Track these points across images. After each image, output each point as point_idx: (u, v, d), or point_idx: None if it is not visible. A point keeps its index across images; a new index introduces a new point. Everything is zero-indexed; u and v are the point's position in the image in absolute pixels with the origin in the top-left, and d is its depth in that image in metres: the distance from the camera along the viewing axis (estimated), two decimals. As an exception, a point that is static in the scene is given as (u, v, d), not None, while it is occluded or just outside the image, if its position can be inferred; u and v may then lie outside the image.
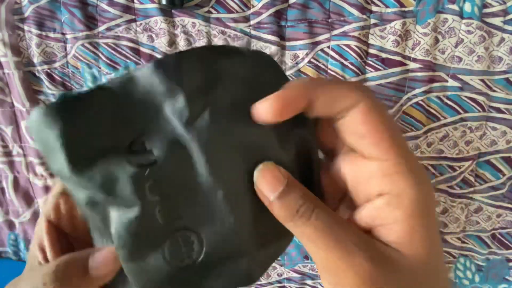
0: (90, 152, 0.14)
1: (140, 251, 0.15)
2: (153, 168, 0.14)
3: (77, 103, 0.14)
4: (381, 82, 0.34)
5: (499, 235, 0.39)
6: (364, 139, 0.14)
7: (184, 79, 0.14)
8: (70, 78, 0.37)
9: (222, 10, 0.34)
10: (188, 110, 0.14)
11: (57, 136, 0.14)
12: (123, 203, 0.14)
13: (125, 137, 0.14)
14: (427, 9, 0.32)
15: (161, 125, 0.14)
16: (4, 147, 0.40)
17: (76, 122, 0.14)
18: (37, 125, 0.14)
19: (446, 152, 0.36)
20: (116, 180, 0.14)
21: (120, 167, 0.14)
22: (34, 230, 0.43)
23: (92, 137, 0.14)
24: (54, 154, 0.14)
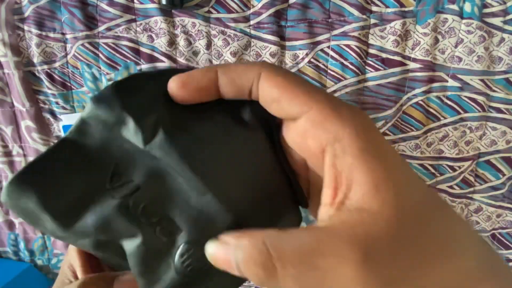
0: (73, 205, 0.14)
1: (154, 272, 0.15)
2: (137, 193, 0.15)
3: (42, 165, 0.14)
4: (381, 82, 0.34)
5: (499, 235, 0.39)
6: (281, 102, 0.14)
7: (126, 104, 0.14)
8: (70, 78, 0.37)
9: (222, 10, 0.34)
10: (141, 129, 0.14)
11: (36, 203, 0.14)
12: (125, 234, 0.15)
13: (100, 178, 0.15)
14: (427, 9, 0.32)
15: (129, 152, 0.15)
16: (4, 147, 0.40)
17: (48, 182, 0.14)
18: (13, 200, 0.14)
19: (446, 152, 0.36)
20: (108, 218, 0.14)
21: (107, 205, 0.14)
22: (33, 230, 0.43)
23: (70, 190, 0.14)
24: (40, 219, 0.15)
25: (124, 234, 0.15)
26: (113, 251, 0.15)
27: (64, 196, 0.14)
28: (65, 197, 0.14)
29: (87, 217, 0.14)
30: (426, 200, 0.13)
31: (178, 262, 0.15)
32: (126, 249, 0.15)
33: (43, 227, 0.15)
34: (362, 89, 0.35)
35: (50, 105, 0.38)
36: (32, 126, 0.39)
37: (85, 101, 0.37)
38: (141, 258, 0.15)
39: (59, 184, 0.14)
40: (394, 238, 0.12)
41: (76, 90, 0.37)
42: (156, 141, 0.14)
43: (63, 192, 0.14)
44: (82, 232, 0.15)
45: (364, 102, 0.35)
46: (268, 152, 0.16)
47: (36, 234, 0.44)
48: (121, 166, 0.15)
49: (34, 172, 0.14)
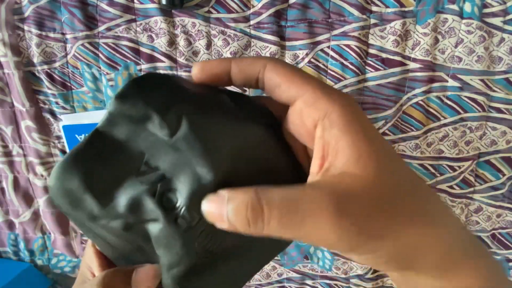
0: (109, 186, 0.16)
1: (176, 255, 0.16)
2: (164, 181, 0.16)
3: (82, 152, 0.17)
4: (381, 82, 0.34)
5: (499, 235, 0.39)
6: (281, 86, 0.16)
7: (149, 101, 0.16)
8: (70, 78, 0.37)
9: (222, 10, 0.34)
10: (165, 124, 0.16)
11: (80, 183, 0.16)
12: (151, 217, 0.16)
13: (130, 165, 0.17)
14: (427, 9, 0.32)
15: (155, 143, 0.16)
16: (4, 147, 0.40)
17: (89, 166, 0.16)
18: (60, 181, 0.16)
19: (446, 152, 0.36)
20: (138, 201, 0.16)
21: (136, 190, 0.16)
22: (33, 230, 0.43)
23: (105, 174, 0.16)
24: (80, 199, 0.17)
25: (150, 217, 0.16)
26: (139, 233, 0.17)
27: (101, 179, 0.16)
28: (102, 179, 0.16)
29: (120, 199, 0.16)
30: (406, 173, 0.15)
31: (199, 246, 0.16)
32: (151, 232, 0.17)
33: (81, 210, 0.17)
34: (362, 89, 0.35)
35: (50, 105, 0.38)
36: (32, 126, 0.39)
37: (85, 101, 0.37)
38: (163, 241, 0.16)
39: (97, 168, 0.16)
40: (370, 197, 0.14)
41: (76, 90, 0.37)
42: (180, 134, 0.16)
43: (100, 175, 0.16)
44: (115, 212, 0.16)
45: (364, 102, 0.35)
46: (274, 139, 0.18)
47: (36, 234, 0.44)
48: (148, 156, 0.16)
49: (76, 158, 0.16)
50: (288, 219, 0.14)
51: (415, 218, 0.15)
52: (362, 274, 0.41)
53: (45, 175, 0.41)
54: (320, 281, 0.43)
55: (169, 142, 0.16)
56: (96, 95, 0.37)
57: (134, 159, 0.16)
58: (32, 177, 0.41)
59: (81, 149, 0.17)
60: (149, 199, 0.16)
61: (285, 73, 0.16)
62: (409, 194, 0.15)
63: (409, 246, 0.15)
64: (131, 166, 0.16)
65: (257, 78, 0.17)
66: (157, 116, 0.16)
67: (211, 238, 0.17)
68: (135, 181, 0.16)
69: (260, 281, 0.44)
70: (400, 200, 0.15)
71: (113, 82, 0.36)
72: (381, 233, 0.14)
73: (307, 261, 0.42)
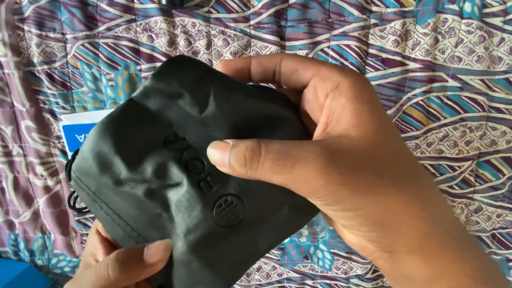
0: (138, 151, 0.18)
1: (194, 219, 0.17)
2: (190, 150, 0.18)
3: (116, 118, 0.18)
4: (381, 82, 0.34)
5: (499, 235, 0.39)
6: (298, 70, 0.18)
7: (182, 80, 0.18)
8: (70, 78, 0.37)
9: (222, 10, 0.34)
10: (196, 102, 0.18)
11: (111, 146, 0.17)
12: (174, 182, 0.18)
13: (160, 134, 0.18)
14: (427, 9, 0.32)
15: (184, 117, 0.18)
16: (4, 147, 0.40)
17: (121, 132, 0.18)
18: (93, 143, 0.18)
19: (446, 152, 0.36)
20: (164, 166, 0.17)
21: (164, 155, 0.18)
22: (33, 230, 0.43)
23: (136, 140, 0.18)
24: (110, 164, 0.18)
25: (173, 181, 0.17)
26: (159, 201, 0.18)
27: (131, 144, 0.18)
28: (133, 144, 0.18)
29: (147, 164, 0.17)
30: (402, 147, 0.16)
31: (217, 213, 0.17)
32: (172, 198, 0.18)
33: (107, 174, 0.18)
34: (362, 89, 0.35)
35: (50, 105, 0.38)
36: (32, 126, 0.39)
37: (85, 101, 0.37)
38: (185, 204, 0.17)
39: (129, 134, 0.18)
40: (362, 156, 0.15)
41: (76, 90, 0.37)
42: (208, 112, 0.18)
43: (131, 141, 0.18)
44: (140, 177, 0.17)
45: (364, 102, 0.35)
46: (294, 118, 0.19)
47: (36, 234, 0.44)
48: (177, 127, 0.18)
49: (110, 123, 0.18)
50: (282, 162, 0.15)
51: (401, 185, 0.15)
52: (362, 274, 0.41)
53: (45, 175, 0.41)
54: (320, 281, 0.43)
55: (197, 118, 0.18)
56: (96, 95, 0.37)
57: (163, 128, 0.18)
58: (32, 177, 0.41)
59: (115, 115, 0.18)
60: (175, 164, 0.17)
61: (301, 59, 0.18)
62: (401, 164, 0.16)
63: (392, 210, 0.15)
64: (160, 134, 0.18)
65: (274, 70, 0.19)
66: (188, 95, 0.17)
67: (229, 207, 0.17)
68: (162, 149, 0.18)
69: (260, 281, 0.44)
70: (391, 166, 0.16)
71: (113, 82, 0.36)
72: (365, 191, 0.15)
73: (307, 261, 0.42)
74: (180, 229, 0.18)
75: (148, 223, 0.19)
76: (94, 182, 0.18)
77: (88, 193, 0.19)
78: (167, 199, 0.18)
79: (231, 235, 0.18)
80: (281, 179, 0.15)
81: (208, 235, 0.17)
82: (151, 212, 0.18)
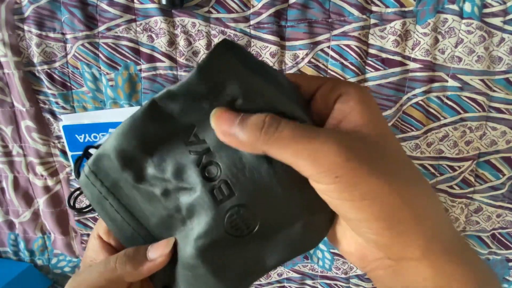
0: (161, 150, 0.18)
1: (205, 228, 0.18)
2: (208, 154, 0.18)
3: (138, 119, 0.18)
4: (381, 82, 0.34)
5: (499, 235, 0.39)
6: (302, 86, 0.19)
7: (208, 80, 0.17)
8: (70, 78, 0.37)
9: (222, 10, 0.34)
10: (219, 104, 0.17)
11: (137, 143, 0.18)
12: (189, 186, 0.18)
13: (182, 133, 0.18)
14: (427, 9, 0.32)
15: (205, 119, 0.17)
16: (4, 147, 0.40)
17: (146, 131, 0.18)
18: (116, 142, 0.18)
19: (446, 152, 0.36)
20: (183, 167, 0.18)
21: (185, 157, 0.18)
22: (33, 230, 0.43)
23: (160, 139, 0.18)
24: (135, 159, 0.18)
25: (188, 185, 0.18)
26: (173, 202, 0.18)
27: (156, 142, 0.18)
28: (156, 143, 0.18)
29: (169, 162, 0.18)
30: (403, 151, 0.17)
31: (228, 222, 0.17)
32: (184, 201, 0.18)
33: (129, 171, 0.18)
34: (362, 89, 0.35)
35: (50, 105, 0.38)
36: (32, 126, 0.39)
37: (85, 101, 0.37)
38: (197, 209, 0.18)
39: (152, 133, 0.18)
40: (375, 148, 0.16)
41: (76, 90, 0.37)
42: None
43: (154, 139, 0.18)
44: (162, 176, 0.18)
45: (364, 102, 0.35)
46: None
47: (36, 234, 0.44)
48: (198, 129, 0.18)
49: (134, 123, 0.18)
50: (302, 131, 0.15)
51: (413, 181, 0.16)
52: (362, 274, 0.41)
53: (45, 175, 0.41)
54: (320, 281, 0.43)
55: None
56: (96, 95, 0.37)
57: (185, 129, 0.18)
58: (32, 177, 0.41)
59: (138, 116, 0.18)
60: (193, 167, 0.17)
61: (301, 76, 0.19)
62: (406, 163, 0.17)
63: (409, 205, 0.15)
64: (182, 134, 0.18)
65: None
66: (212, 98, 0.17)
67: (241, 218, 0.17)
68: (184, 149, 0.18)
69: (260, 281, 0.44)
70: (401, 163, 0.16)
71: (113, 82, 0.36)
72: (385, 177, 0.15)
73: (307, 261, 0.42)
74: (190, 233, 0.18)
75: (160, 222, 0.19)
76: (111, 178, 0.19)
77: (100, 189, 0.19)
78: (179, 201, 0.18)
79: (240, 246, 0.18)
80: (298, 150, 0.15)
81: (217, 243, 0.18)
82: (165, 212, 0.19)
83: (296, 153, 0.15)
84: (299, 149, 0.15)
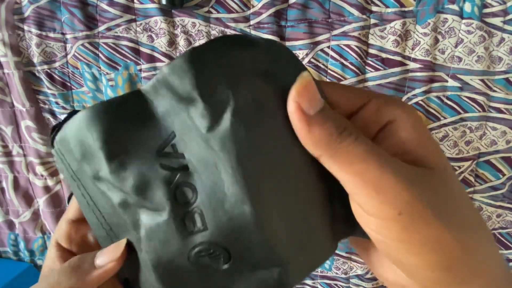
0: (126, 154, 0.14)
1: (168, 255, 0.15)
2: (184, 172, 0.14)
3: (113, 107, 0.15)
4: (381, 82, 0.34)
5: (499, 235, 0.39)
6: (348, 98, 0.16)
7: (199, 82, 0.13)
8: (70, 78, 0.37)
9: (222, 10, 0.34)
10: (208, 116, 0.13)
11: (97, 139, 0.14)
12: (153, 206, 0.15)
13: (157, 140, 0.14)
14: (427, 9, 0.32)
15: (190, 129, 0.14)
16: (4, 147, 0.40)
17: (113, 125, 0.14)
18: (77, 129, 0.15)
19: (446, 152, 0.36)
20: (148, 183, 0.14)
21: (153, 170, 0.14)
22: (33, 230, 0.43)
23: (128, 141, 0.14)
24: (92, 156, 0.15)
25: (153, 205, 0.15)
26: (131, 217, 0.15)
27: (120, 142, 0.14)
28: (121, 143, 0.14)
29: (131, 172, 0.14)
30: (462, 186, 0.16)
31: (196, 256, 0.15)
32: (144, 221, 0.15)
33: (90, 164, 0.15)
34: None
35: (50, 105, 0.38)
36: (32, 126, 0.39)
37: (85, 101, 0.37)
38: (160, 236, 0.15)
39: (120, 130, 0.14)
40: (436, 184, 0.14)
41: (76, 90, 0.37)
42: (218, 132, 0.13)
43: (120, 139, 0.14)
44: (121, 183, 0.15)
45: (364, 102, 0.35)
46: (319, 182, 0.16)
47: (36, 234, 0.44)
48: (178, 139, 0.14)
49: (105, 111, 0.14)
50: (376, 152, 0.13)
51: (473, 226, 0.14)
52: (362, 274, 0.41)
53: (45, 175, 0.41)
54: (320, 281, 0.43)
55: (204, 136, 0.14)
56: (96, 95, 0.37)
57: (163, 136, 0.14)
58: (32, 177, 0.41)
59: (112, 104, 0.15)
60: (162, 186, 0.14)
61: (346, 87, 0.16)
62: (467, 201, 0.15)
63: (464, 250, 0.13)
64: (156, 141, 0.14)
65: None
66: (201, 103, 0.13)
67: (211, 256, 0.15)
68: (154, 161, 0.14)
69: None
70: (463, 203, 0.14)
71: (113, 82, 0.36)
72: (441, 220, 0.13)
73: (307, 261, 0.42)
74: (149, 257, 0.16)
75: (119, 225, 0.17)
76: (75, 163, 0.16)
77: (68, 169, 0.17)
78: (138, 219, 0.15)
79: (207, 278, 0.16)
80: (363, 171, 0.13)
81: (180, 273, 0.15)
82: (122, 221, 0.16)
83: (361, 174, 0.13)
84: (364, 170, 0.13)
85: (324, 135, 0.13)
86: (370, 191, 0.13)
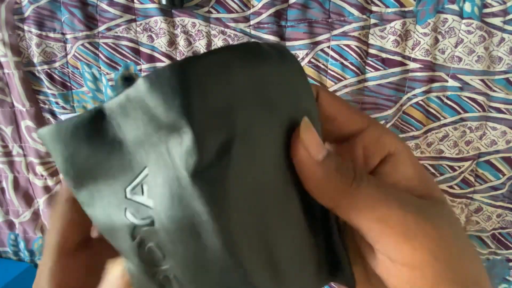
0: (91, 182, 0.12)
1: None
2: (150, 228, 0.11)
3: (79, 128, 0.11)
4: (381, 82, 0.34)
5: (499, 235, 0.39)
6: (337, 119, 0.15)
7: (192, 107, 0.10)
8: (70, 78, 0.37)
9: (222, 10, 0.34)
10: (197, 152, 0.10)
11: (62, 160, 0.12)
12: (121, 251, 0.12)
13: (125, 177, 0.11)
14: (427, 9, 0.32)
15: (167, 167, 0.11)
16: (4, 147, 0.40)
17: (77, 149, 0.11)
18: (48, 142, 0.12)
19: (446, 152, 0.36)
20: (113, 227, 0.12)
21: (117, 212, 0.11)
22: (33, 230, 0.43)
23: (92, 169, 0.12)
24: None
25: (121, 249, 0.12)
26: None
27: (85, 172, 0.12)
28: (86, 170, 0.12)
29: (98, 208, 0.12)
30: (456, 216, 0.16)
31: None
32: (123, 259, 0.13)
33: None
34: (362, 89, 0.35)
35: (50, 105, 0.38)
36: (32, 126, 0.39)
37: (85, 101, 0.37)
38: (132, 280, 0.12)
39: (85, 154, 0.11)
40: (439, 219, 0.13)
41: (76, 90, 0.37)
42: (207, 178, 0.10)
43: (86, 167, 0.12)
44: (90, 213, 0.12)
45: (364, 102, 0.35)
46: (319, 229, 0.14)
47: (36, 234, 0.44)
48: (150, 178, 0.11)
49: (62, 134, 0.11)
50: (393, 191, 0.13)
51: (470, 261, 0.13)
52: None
53: (45, 175, 0.41)
54: (320, 281, 0.43)
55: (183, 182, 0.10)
56: (96, 95, 0.37)
57: (134, 170, 0.11)
58: (32, 177, 0.41)
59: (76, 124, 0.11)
60: (128, 236, 0.11)
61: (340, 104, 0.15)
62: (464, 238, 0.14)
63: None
64: (126, 176, 0.11)
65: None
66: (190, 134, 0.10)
67: None
68: (120, 201, 0.11)
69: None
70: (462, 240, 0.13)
71: (113, 82, 0.36)
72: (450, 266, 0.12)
73: (307, 261, 0.42)
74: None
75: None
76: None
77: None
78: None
79: None
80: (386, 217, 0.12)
81: None
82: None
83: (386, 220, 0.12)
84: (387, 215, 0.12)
85: (339, 182, 0.12)
86: (398, 237, 0.12)
